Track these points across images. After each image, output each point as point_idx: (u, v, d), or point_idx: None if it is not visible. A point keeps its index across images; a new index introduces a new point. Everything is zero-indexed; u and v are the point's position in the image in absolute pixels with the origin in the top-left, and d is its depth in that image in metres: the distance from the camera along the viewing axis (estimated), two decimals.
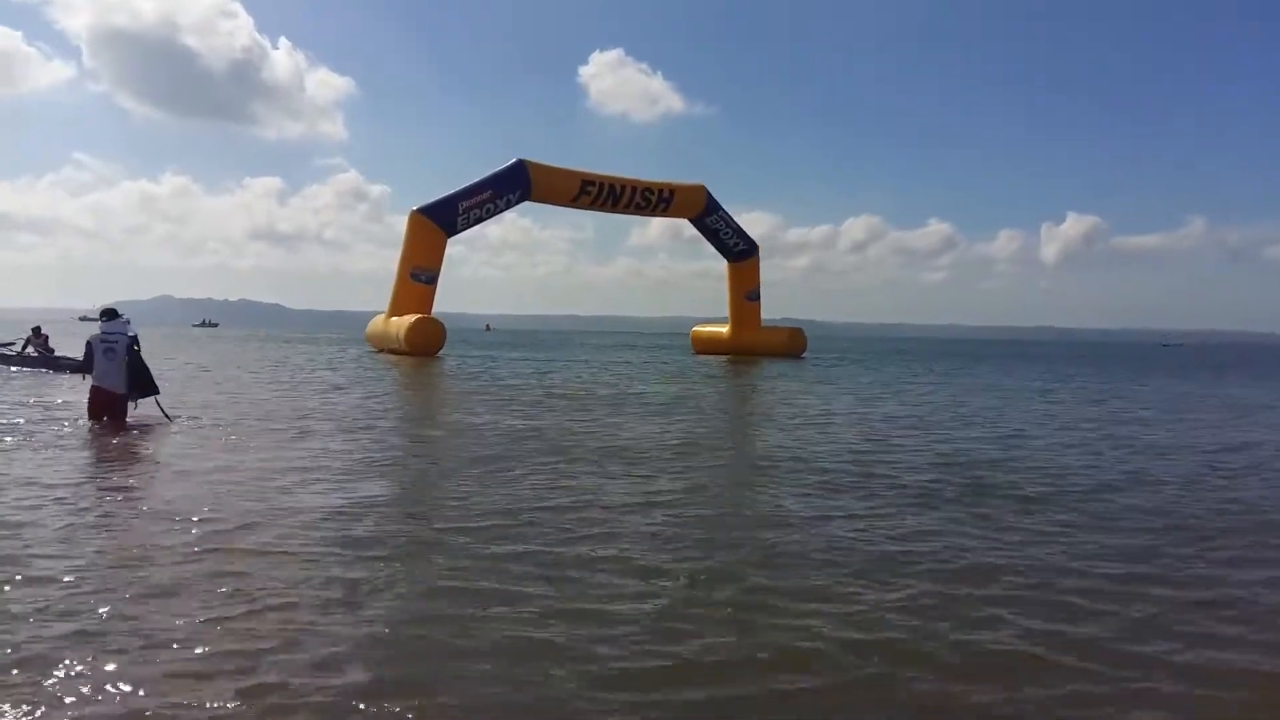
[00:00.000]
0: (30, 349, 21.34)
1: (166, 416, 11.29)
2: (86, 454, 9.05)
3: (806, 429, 12.57)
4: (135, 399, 11.32)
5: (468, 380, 22.46)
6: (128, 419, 11.14)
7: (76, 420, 11.18)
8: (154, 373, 11.72)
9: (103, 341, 11.07)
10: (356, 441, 10.18)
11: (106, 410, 11.07)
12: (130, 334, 11.34)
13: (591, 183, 37.08)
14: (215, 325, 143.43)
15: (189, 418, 11.78)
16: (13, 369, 20.09)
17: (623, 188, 37.58)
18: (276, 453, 9.19)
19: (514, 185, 35.34)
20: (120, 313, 11.65)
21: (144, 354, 11.55)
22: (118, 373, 11.07)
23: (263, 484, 7.35)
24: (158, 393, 11.48)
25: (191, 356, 30.78)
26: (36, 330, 22.21)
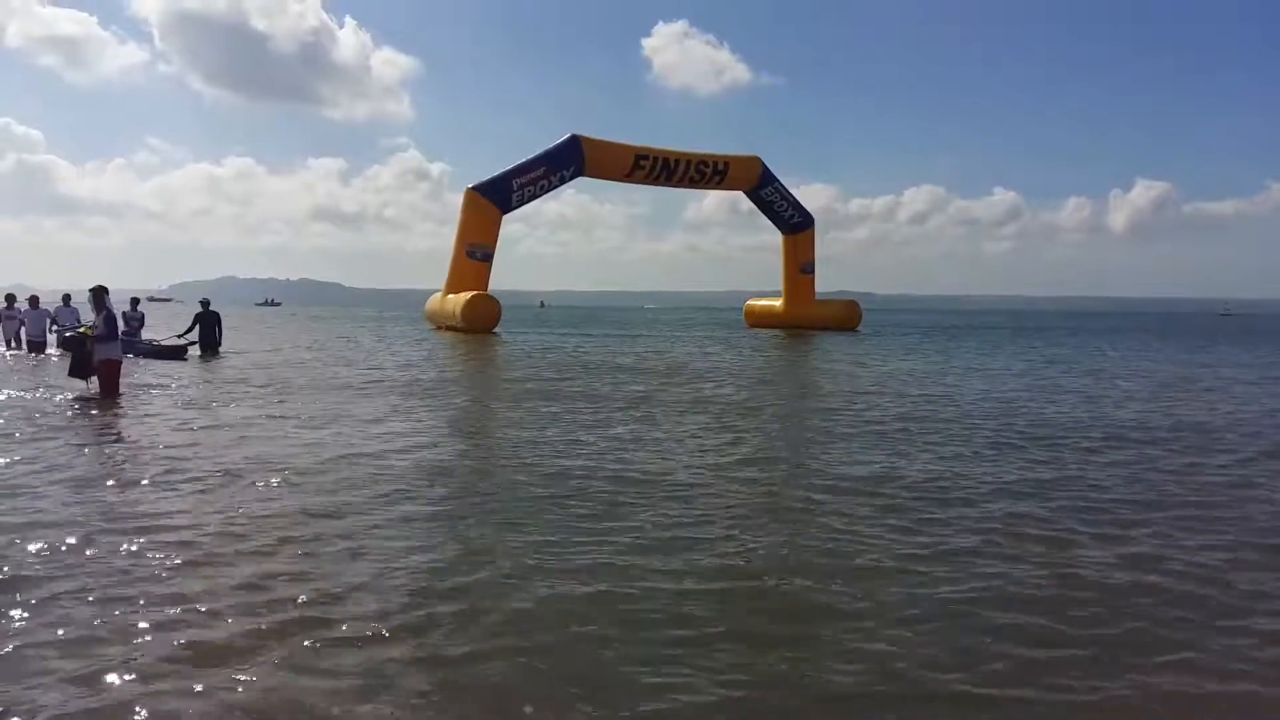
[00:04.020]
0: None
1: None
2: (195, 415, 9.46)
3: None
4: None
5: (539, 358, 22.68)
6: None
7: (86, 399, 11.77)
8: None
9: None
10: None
11: (111, 377, 12.02)
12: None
13: (645, 156, 36.84)
14: (278, 304, 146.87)
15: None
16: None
17: (677, 161, 37.33)
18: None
19: (567, 161, 35.36)
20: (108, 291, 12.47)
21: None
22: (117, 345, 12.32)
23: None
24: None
25: (280, 333, 31.85)
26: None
